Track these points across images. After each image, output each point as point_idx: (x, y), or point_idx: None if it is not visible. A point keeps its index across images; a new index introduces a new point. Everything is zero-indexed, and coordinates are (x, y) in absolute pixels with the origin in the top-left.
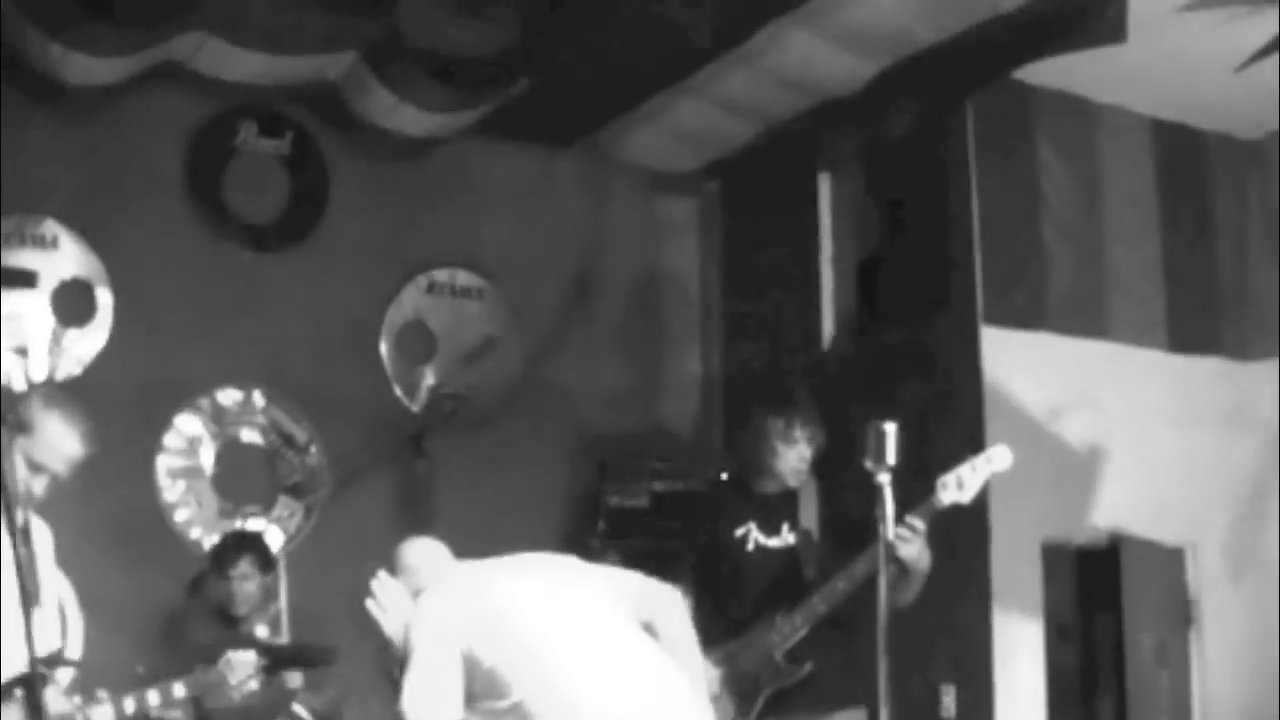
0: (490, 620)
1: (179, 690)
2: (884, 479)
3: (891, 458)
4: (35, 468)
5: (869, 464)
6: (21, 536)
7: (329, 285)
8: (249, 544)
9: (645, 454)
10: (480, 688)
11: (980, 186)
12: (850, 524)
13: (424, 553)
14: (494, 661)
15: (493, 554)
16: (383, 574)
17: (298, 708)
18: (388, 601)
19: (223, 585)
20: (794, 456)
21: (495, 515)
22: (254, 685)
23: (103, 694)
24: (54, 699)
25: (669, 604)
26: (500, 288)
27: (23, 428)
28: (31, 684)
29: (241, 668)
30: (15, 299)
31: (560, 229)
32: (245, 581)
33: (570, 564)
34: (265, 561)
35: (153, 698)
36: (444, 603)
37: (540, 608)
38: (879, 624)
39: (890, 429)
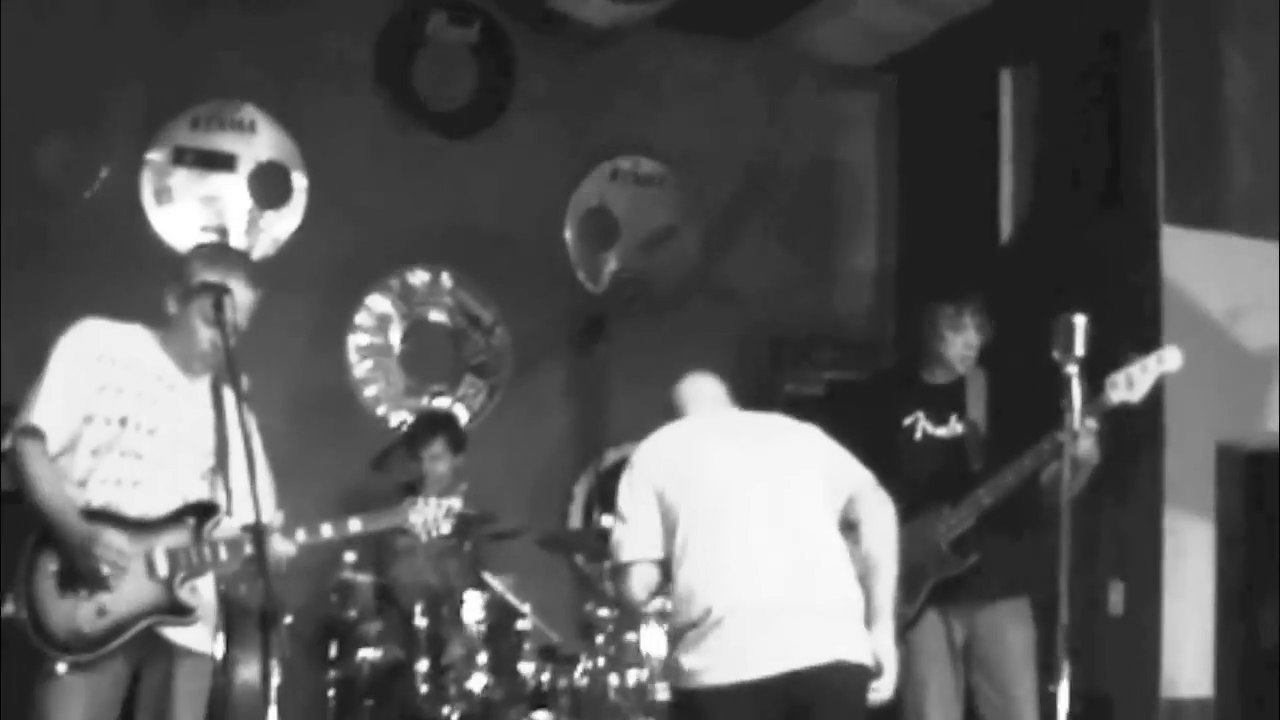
0: (685, 473)
1: (355, 525)
2: (1072, 371)
3: (1080, 349)
4: (209, 321)
5: (1056, 355)
6: (245, 401)
7: (515, 171)
8: (443, 424)
9: (820, 344)
10: (666, 533)
11: (1164, 85)
12: (1018, 418)
13: (696, 389)
14: (675, 514)
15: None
16: None
17: (490, 579)
18: None
19: (414, 465)
20: (961, 343)
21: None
22: (439, 530)
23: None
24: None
25: (876, 505)
26: (680, 176)
27: (191, 289)
28: (259, 534)
29: (424, 510)
30: (215, 181)
31: (739, 120)
32: (437, 462)
33: (799, 437)
34: (458, 442)
35: (326, 530)
36: (653, 447)
37: (732, 478)
38: (1061, 516)
39: (1080, 321)
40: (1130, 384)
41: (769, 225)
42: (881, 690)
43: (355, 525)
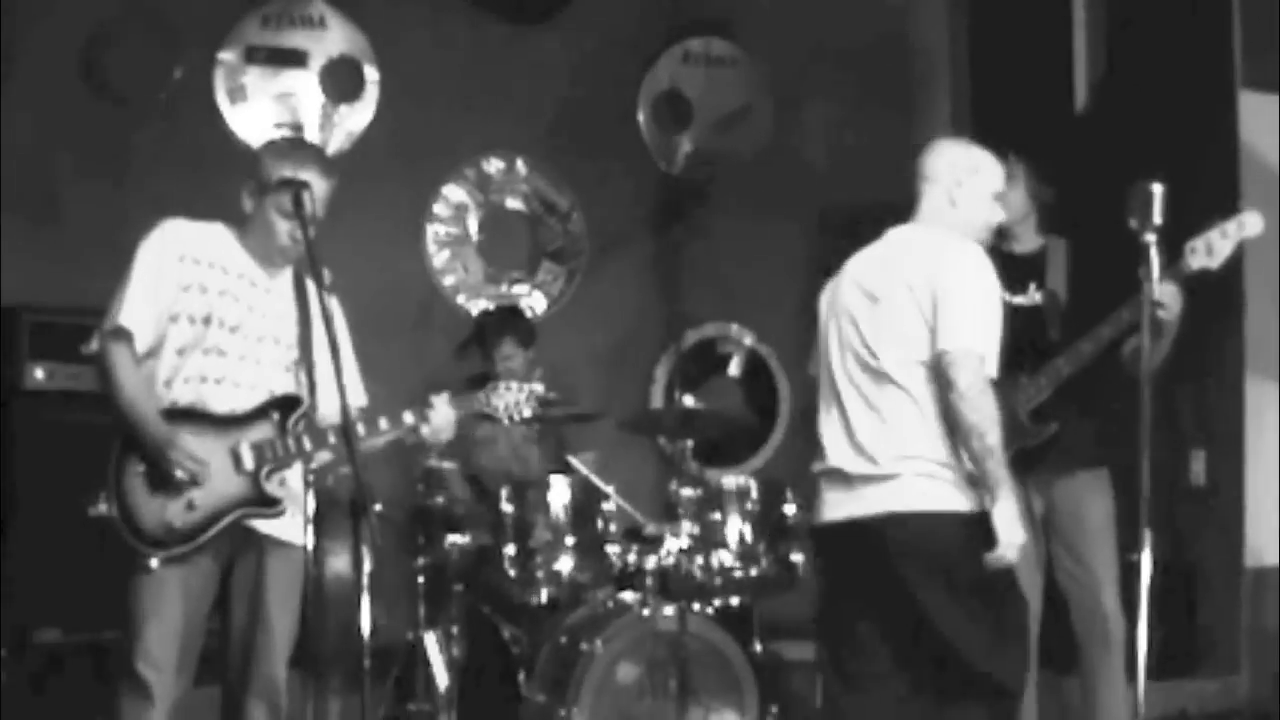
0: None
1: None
2: (1150, 239)
3: (1158, 218)
4: (289, 215)
5: (1134, 224)
6: (327, 292)
7: (587, 56)
8: (509, 322)
9: (896, 220)
10: None
11: None
12: (1098, 287)
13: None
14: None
15: (740, 315)
16: None
17: (574, 461)
18: None
19: (487, 364)
20: (1016, 199)
21: (747, 280)
22: (521, 414)
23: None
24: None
25: (964, 378)
26: (752, 57)
27: (266, 185)
28: (346, 423)
29: (506, 394)
30: (287, 78)
31: None
32: (509, 361)
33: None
34: (527, 337)
35: (408, 417)
36: (849, 267)
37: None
38: (1141, 384)
39: (1157, 189)
40: (1210, 250)
41: (842, 102)
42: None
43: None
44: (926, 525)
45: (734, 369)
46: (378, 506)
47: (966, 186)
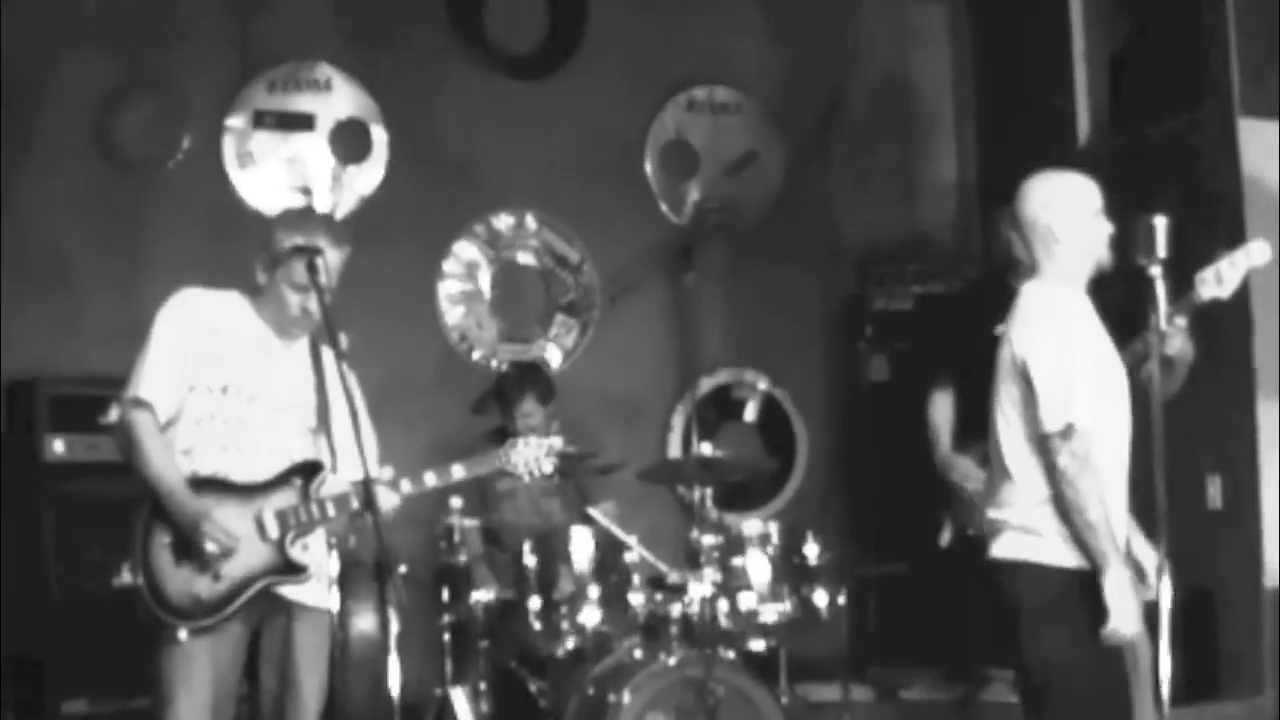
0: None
1: (458, 471)
2: (1155, 272)
3: (1163, 250)
4: (300, 288)
5: (1140, 258)
6: (344, 359)
7: (592, 108)
8: (529, 380)
9: (905, 258)
10: None
11: None
12: (1110, 320)
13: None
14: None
15: (754, 360)
16: None
17: (595, 513)
18: None
19: (506, 420)
20: None
21: (760, 323)
22: (541, 470)
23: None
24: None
25: (1062, 459)
26: (757, 101)
27: (278, 256)
28: (368, 488)
29: (525, 450)
30: (295, 141)
31: (812, 40)
32: (528, 419)
33: None
34: (547, 393)
35: (429, 479)
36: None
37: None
38: (1153, 413)
39: (1161, 222)
40: (1220, 280)
41: (848, 143)
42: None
43: (458, 471)
44: (1031, 575)
45: (750, 414)
46: (402, 568)
47: (1061, 221)
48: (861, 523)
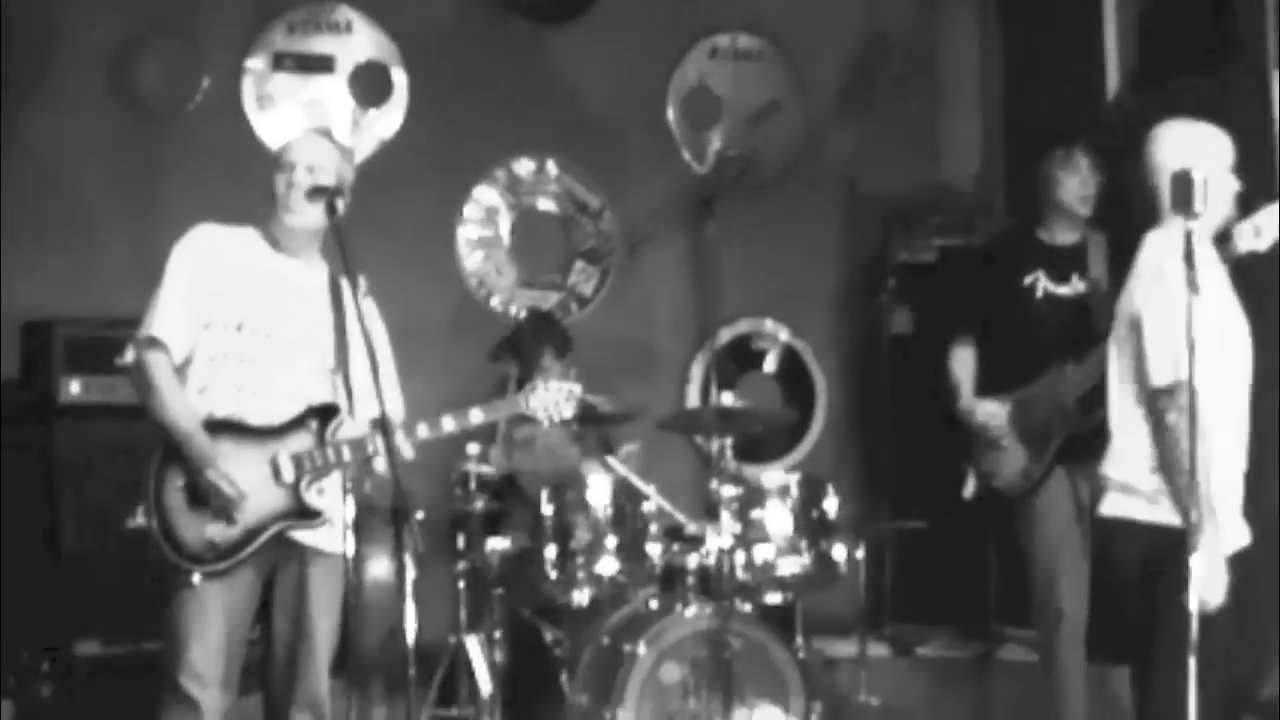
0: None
1: (476, 415)
2: (1190, 226)
3: (1199, 205)
4: (315, 192)
5: (1175, 211)
6: (363, 298)
7: (614, 54)
8: (546, 333)
9: (929, 211)
10: None
11: None
12: None
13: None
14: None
15: (774, 310)
16: None
17: (613, 462)
18: None
19: (523, 372)
20: (1077, 184)
21: (781, 275)
22: (560, 415)
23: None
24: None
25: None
26: (780, 51)
27: (283, 166)
28: (386, 430)
29: (545, 395)
30: (315, 84)
31: None
32: (546, 373)
33: None
34: (564, 345)
35: (448, 423)
36: None
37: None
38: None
39: (1198, 175)
40: (1257, 232)
41: (872, 95)
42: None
43: (476, 416)
44: (1132, 533)
45: (769, 364)
46: (420, 513)
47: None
48: (880, 477)
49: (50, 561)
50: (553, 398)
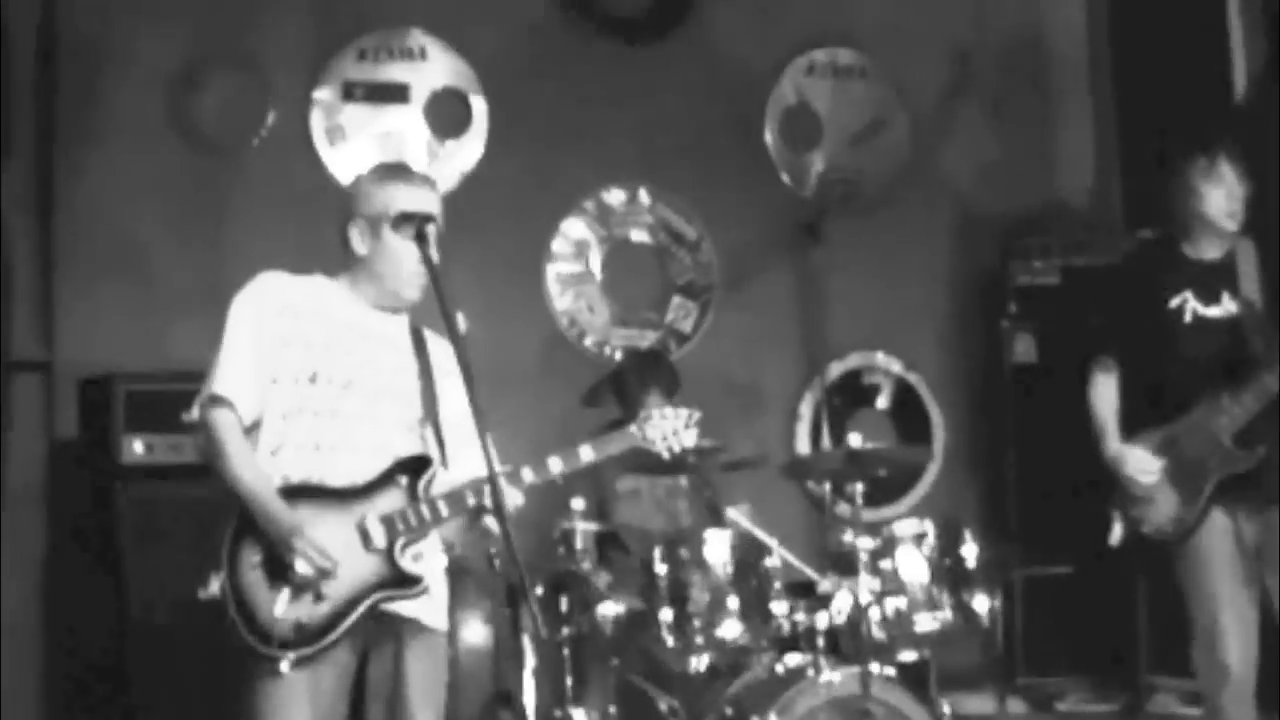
0: None
1: (586, 454)
2: None
3: None
4: (402, 220)
5: None
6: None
7: (706, 74)
8: (653, 371)
9: (1047, 229)
10: None
11: None
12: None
13: None
14: None
15: (886, 342)
16: None
17: (734, 514)
18: None
19: (627, 416)
20: (1223, 197)
21: (892, 301)
22: (682, 444)
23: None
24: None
25: None
26: (881, 65)
27: (380, 217)
28: (493, 487)
29: (662, 423)
30: (388, 114)
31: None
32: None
33: None
34: (672, 384)
35: (555, 465)
36: None
37: None
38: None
39: None
40: None
41: (979, 108)
42: None
43: (586, 454)
44: None
45: (882, 401)
46: (539, 587)
47: None
48: (1003, 519)
49: (118, 635)
50: (670, 425)
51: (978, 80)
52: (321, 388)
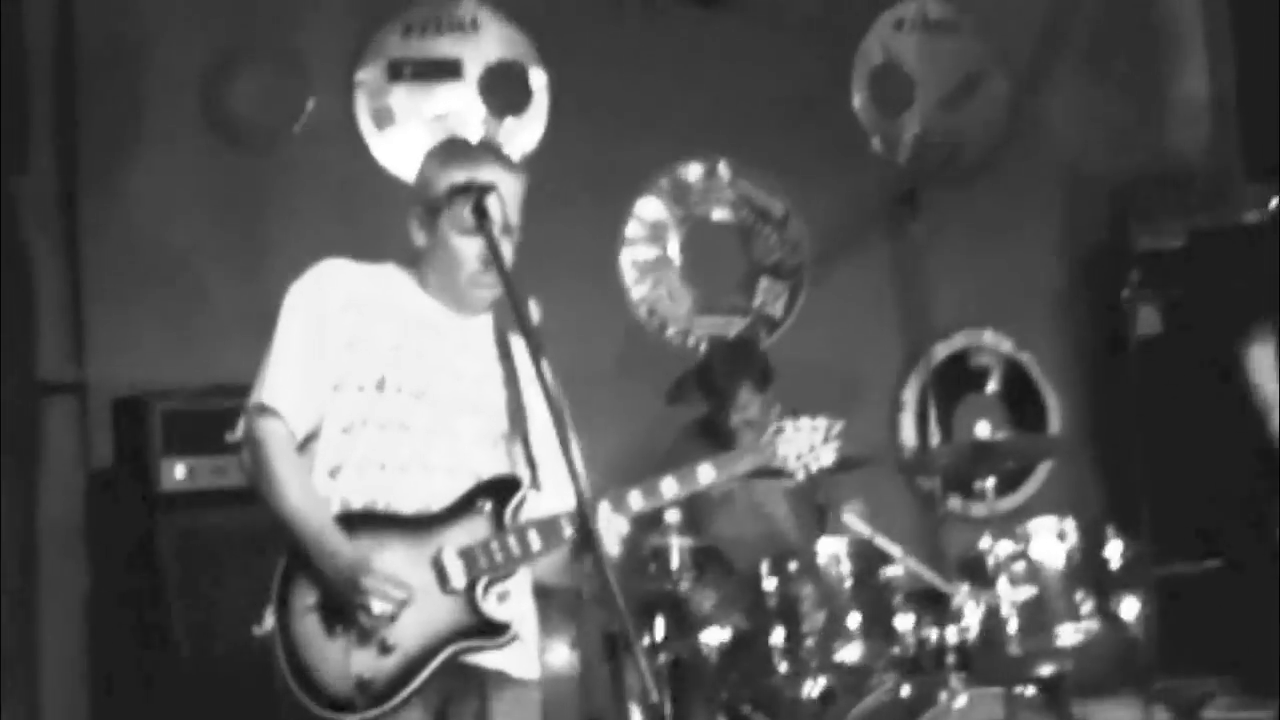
0: None
1: (706, 474)
2: None
3: None
4: (472, 231)
5: None
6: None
7: (786, 34)
8: (744, 364)
9: (1161, 188)
10: None
11: None
12: None
13: None
14: None
15: (994, 319)
16: None
17: (849, 520)
18: None
19: (717, 413)
20: None
21: (998, 274)
22: (819, 462)
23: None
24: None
25: None
26: (975, 15)
27: (437, 201)
28: (584, 514)
29: (796, 437)
30: (440, 93)
31: None
32: (745, 411)
33: None
34: (764, 376)
35: (669, 488)
36: None
37: None
38: None
39: None
40: None
41: (1083, 60)
42: None
43: (706, 474)
44: None
45: (992, 384)
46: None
47: None
48: (1130, 510)
49: (162, 676)
50: (806, 440)
51: (1079, 27)
52: (390, 396)
